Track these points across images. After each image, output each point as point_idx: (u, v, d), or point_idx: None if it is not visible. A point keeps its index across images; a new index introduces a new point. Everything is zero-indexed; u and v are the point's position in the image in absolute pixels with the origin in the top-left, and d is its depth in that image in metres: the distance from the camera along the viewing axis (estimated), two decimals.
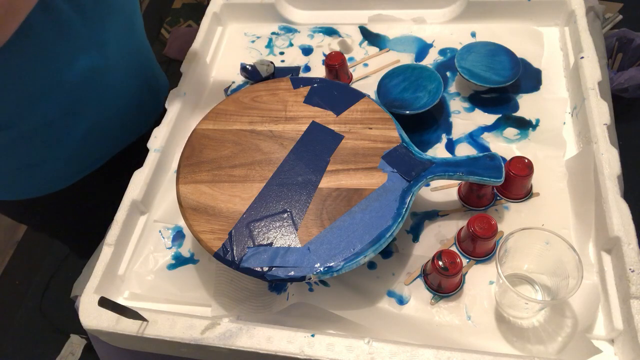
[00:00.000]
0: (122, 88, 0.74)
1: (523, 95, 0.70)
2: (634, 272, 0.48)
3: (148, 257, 0.61)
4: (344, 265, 0.48)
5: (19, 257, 1.63)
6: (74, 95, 0.66)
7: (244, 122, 0.62)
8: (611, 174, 0.55)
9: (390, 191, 0.53)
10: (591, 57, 0.65)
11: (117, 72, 0.71)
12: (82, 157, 0.75)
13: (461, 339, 0.51)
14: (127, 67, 0.74)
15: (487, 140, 0.66)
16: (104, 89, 0.70)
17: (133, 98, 0.78)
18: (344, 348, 0.47)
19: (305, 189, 0.55)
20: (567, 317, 0.50)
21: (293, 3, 0.87)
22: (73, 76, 0.64)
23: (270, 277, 0.49)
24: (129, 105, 0.77)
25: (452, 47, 0.78)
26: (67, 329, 1.41)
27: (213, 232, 0.52)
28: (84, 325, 0.53)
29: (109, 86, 0.71)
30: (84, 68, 0.65)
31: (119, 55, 0.70)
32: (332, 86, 0.64)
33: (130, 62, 0.74)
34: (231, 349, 0.49)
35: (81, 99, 0.68)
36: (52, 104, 0.65)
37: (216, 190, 0.56)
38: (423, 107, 0.66)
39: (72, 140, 0.71)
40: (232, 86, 0.79)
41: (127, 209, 0.62)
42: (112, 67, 0.70)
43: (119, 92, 0.74)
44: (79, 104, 0.68)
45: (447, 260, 0.51)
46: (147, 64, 0.82)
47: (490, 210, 0.60)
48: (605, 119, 0.59)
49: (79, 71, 0.64)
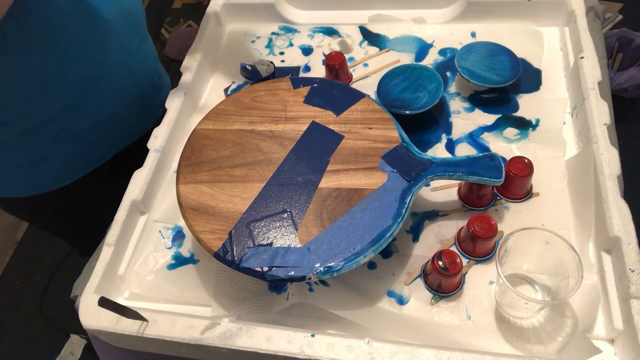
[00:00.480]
0: (124, 85, 0.74)
1: (523, 95, 0.70)
2: (634, 272, 0.48)
3: (148, 257, 0.61)
4: (344, 265, 0.48)
5: (19, 257, 1.63)
6: (77, 91, 0.67)
7: (244, 122, 0.62)
8: (611, 174, 0.55)
9: (390, 191, 0.53)
10: (591, 57, 0.65)
11: (119, 68, 0.71)
12: (84, 154, 0.76)
13: (461, 339, 0.51)
14: (129, 64, 0.74)
15: (487, 140, 0.66)
16: (106, 85, 0.70)
17: (135, 95, 0.78)
18: (344, 348, 0.47)
19: (305, 189, 0.55)
20: (567, 317, 0.50)
21: (293, 3, 0.87)
22: (76, 72, 0.64)
23: (270, 277, 0.49)
24: (130, 102, 0.77)
25: (452, 47, 0.78)
26: (67, 329, 1.41)
27: (213, 232, 0.52)
28: (84, 325, 0.53)
29: (110, 83, 0.71)
30: (86, 64, 0.65)
31: (121, 51, 0.70)
32: (332, 86, 0.64)
33: (132, 58, 0.74)
34: (231, 349, 0.49)
35: (83, 95, 0.68)
36: (55, 100, 0.65)
37: (216, 190, 0.56)
38: (423, 107, 0.66)
39: (74, 137, 0.71)
40: (232, 86, 0.80)
41: (127, 209, 0.62)
42: (114, 64, 0.70)
43: (120, 88, 0.74)
44: (82, 100, 0.68)
45: (447, 260, 0.51)
46: (149, 61, 0.82)
47: (490, 210, 0.60)
48: (605, 119, 0.59)
49: (81, 67, 0.65)
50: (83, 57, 0.65)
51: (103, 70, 0.68)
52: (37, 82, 0.62)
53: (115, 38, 0.69)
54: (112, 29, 0.67)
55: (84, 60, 0.65)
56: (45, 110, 0.65)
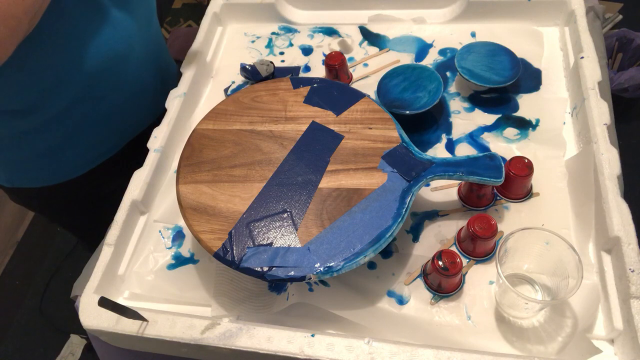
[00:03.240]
0: (140, 74, 0.76)
1: (523, 95, 0.70)
2: (634, 272, 0.48)
3: (148, 257, 0.61)
4: (344, 265, 0.48)
5: (19, 257, 1.63)
6: (97, 79, 0.68)
7: (244, 122, 0.62)
8: (611, 174, 0.55)
9: (390, 191, 0.53)
10: (591, 57, 0.65)
11: (136, 58, 0.73)
12: (100, 142, 0.77)
13: (461, 339, 0.51)
14: (146, 54, 0.75)
15: (487, 140, 0.66)
16: (124, 74, 0.72)
17: (149, 85, 0.80)
18: (344, 348, 0.47)
19: (305, 189, 0.55)
20: (567, 317, 0.50)
21: (293, 3, 0.87)
22: (97, 60, 0.66)
23: (270, 277, 0.49)
24: (144, 91, 0.79)
25: (452, 47, 0.78)
26: (67, 329, 1.41)
27: (213, 232, 0.52)
28: (84, 325, 0.53)
29: (128, 72, 0.72)
30: (108, 53, 0.66)
31: (139, 42, 0.72)
32: (332, 86, 0.64)
33: (148, 49, 0.76)
34: (231, 349, 0.49)
35: (103, 83, 0.69)
36: (77, 88, 0.66)
37: (216, 190, 0.56)
38: (423, 107, 0.66)
39: (92, 125, 0.73)
40: (232, 86, 0.80)
41: (127, 209, 0.62)
42: (132, 52, 0.71)
43: (136, 78, 0.75)
44: (101, 89, 0.70)
45: (447, 260, 0.51)
46: (161, 53, 0.84)
47: (490, 210, 0.60)
48: (605, 119, 0.59)
49: (103, 55, 0.66)
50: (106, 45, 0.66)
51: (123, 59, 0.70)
52: (63, 70, 0.63)
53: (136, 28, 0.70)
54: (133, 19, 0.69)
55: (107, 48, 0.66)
56: (68, 98, 0.67)
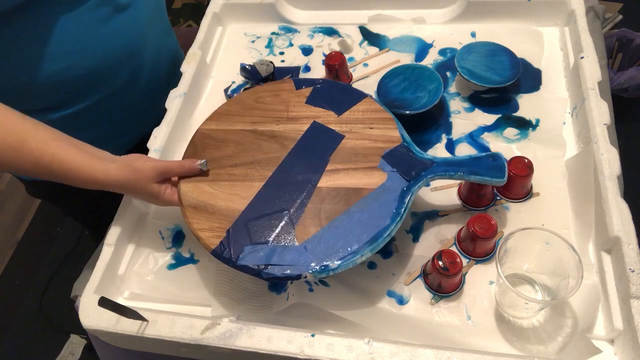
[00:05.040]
0: (154, 69, 0.76)
1: (523, 95, 0.70)
2: (634, 272, 0.48)
3: (148, 257, 0.61)
4: (340, 264, 0.48)
5: (19, 257, 1.63)
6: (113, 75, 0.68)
7: (247, 123, 0.62)
8: (611, 174, 0.55)
9: (389, 191, 0.53)
10: (591, 57, 0.65)
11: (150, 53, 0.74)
12: (116, 137, 0.78)
13: (461, 339, 0.51)
14: (159, 49, 0.77)
15: (487, 140, 0.66)
16: (139, 68, 0.72)
17: (163, 80, 0.80)
18: (344, 348, 0.47)
19: (305, 188, 0.55)
20: (567, 317, 0.50)
21: (293, 3, 0.87)
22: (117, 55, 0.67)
23: (266, 275, 0.49)
24: (159, 86, 0.79)
25: (452, 47, 0.78)
26: (67, 329, 1.41)
27: (212, 230, 0.52)
28: (84, 325, 0.53)
29: (144, 67, 0.73)
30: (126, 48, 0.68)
31: (152, 36, 0.73)
32: (334, 87, 0.64)
33: (160, 44, 0.77)
34: (231, 349, 0.49)
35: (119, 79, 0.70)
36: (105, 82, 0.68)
37: (216, 188, 0.56)
38: (423, 107, 0.66)
39: (112, 119, 0.74)
40: (232, 86, 0.80)
41: (127, 209, 0.62)
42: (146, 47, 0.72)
43: (151, 72, 0.76)
44: (117, 84, 0.70)
45: (447, 260, 0.51)
46: (174, 48, 0.85)
47: (490, 210, 0.60)
48: (605, 119, 0.59)
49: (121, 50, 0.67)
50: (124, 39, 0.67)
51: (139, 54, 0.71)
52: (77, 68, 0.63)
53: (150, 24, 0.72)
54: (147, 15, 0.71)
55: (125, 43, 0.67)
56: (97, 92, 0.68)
